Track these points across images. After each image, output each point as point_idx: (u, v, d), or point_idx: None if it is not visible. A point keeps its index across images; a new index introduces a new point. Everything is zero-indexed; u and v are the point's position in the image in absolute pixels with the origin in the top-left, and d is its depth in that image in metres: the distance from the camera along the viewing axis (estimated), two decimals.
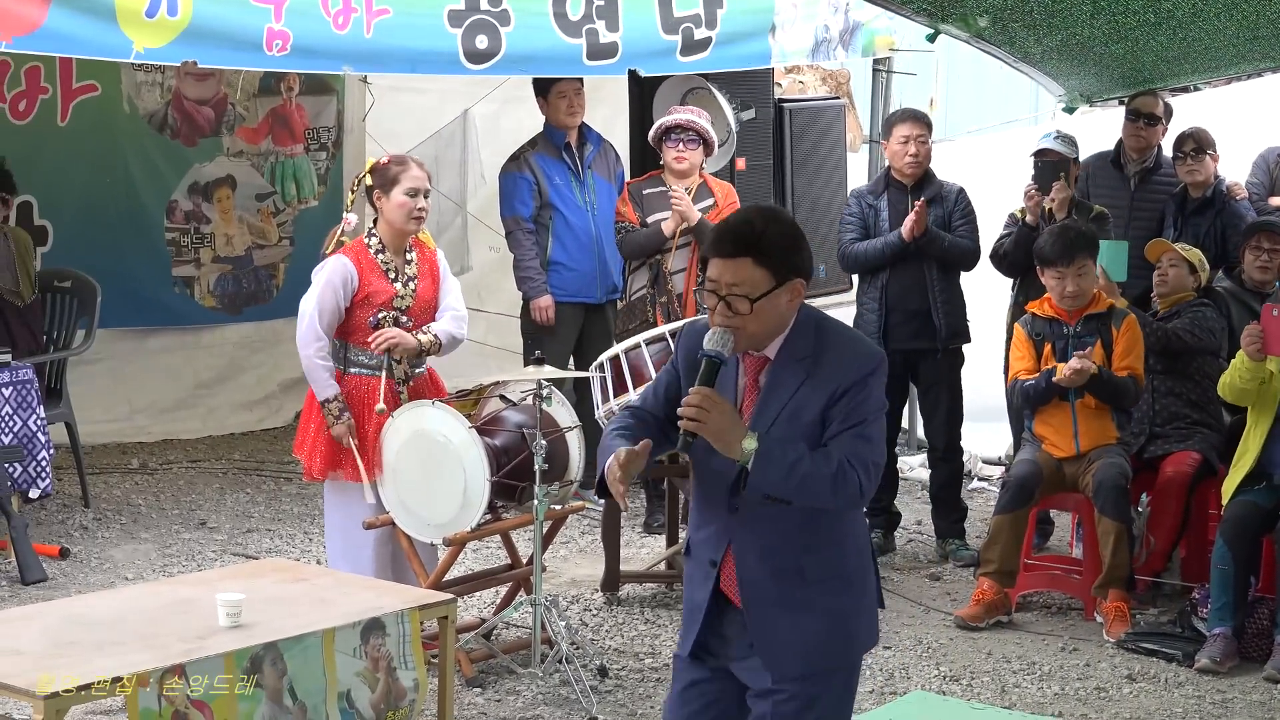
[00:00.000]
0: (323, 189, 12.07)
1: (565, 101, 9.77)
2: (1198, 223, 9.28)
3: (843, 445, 4.43)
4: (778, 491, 4.40)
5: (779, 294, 4.43)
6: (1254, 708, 7.16)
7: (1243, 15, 8.44)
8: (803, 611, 4.55)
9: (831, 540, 4.58)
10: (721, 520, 4.58)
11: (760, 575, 4.56)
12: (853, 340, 4.61)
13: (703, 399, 4.36)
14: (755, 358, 4.55)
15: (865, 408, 4.46)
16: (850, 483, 4.40)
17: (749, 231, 4.43)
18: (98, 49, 8.10)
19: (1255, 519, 7.66)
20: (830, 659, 4.61)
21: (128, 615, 5.70)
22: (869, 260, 9.22)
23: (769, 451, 4.36)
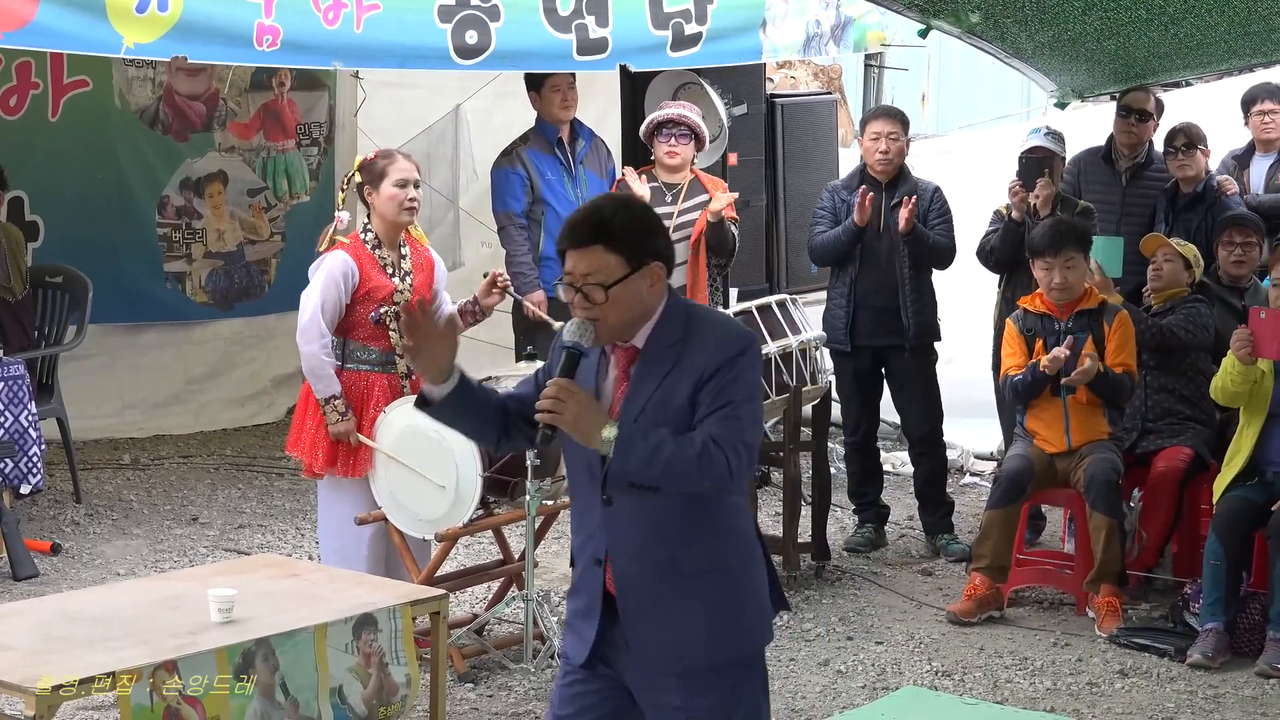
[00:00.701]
0: (314, 184, 12.06)
1: (559, 95, 9.76)
2: (1188, 218, 9.29)
3: (709, 426, 4.32)
4: (642, 478, 4.32)
5: (635, 280, 4.36)
6: (1246, 703, 7.16)
7: (1234, 11, 8.45)
8: (679, 606, 4.45)
9: (711, 531, 4.48)
10: (598, 516, 4.49)
11: (637, 570, 4.47)
12: (722, 323, 4.53)
13: (559, 390, 4.28)
14: (625, 349, 4.47)
15: (733, 389, 4.36)
16: (716, 463, 4.29)
17: (598, 219, 4.37)
18: (88, 44, 8.09)
19: (1247, 514, 7.67)
20: (713, 656, 4.48)
21: (119, 611, 5.70)
22: (829, 248, 9.21)
23: (629, 438, 4.27)
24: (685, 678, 4.46)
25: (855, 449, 9.49)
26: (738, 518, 4.55)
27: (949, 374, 9.58)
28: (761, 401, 4.54)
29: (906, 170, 9.25)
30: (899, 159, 9.18)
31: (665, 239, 4.47)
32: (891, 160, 9.15)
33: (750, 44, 10.28)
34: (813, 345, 8.68)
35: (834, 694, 7.19)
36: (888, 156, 9.14)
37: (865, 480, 9.48)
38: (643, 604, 4.46)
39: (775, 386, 8.48)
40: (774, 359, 8.46)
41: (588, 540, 4.55)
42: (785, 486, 8.68)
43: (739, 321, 4.69)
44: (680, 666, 4.46)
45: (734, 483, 4.38)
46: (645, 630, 4.47)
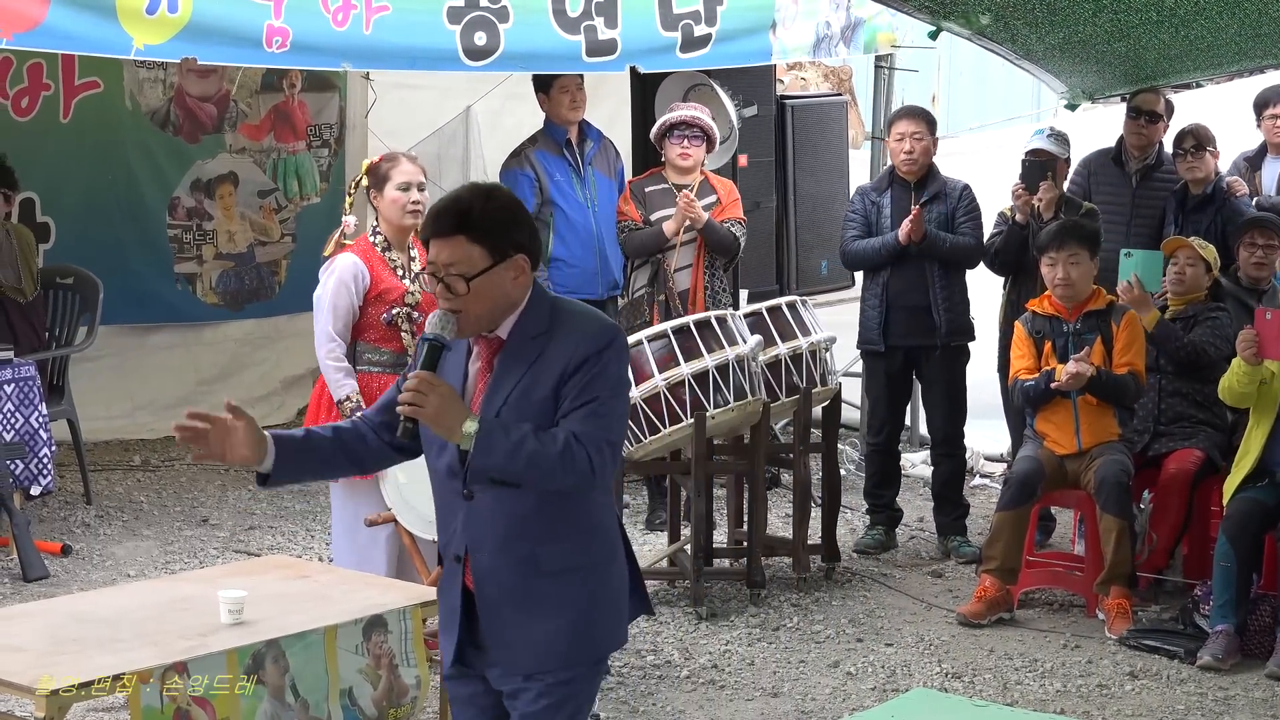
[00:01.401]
0: (325, 186, 12.07)
1: (568, 96, 9.77)
2: (1198, 220, 9.27)
3: (572, 422, 4.28)
4: (503, 474, 4.27)
5: (499, 272, 4.31)
6: (1256, 705, 7.16)
7: (1245, 13, 8.43)
8: (537, 606, 4.39)
9: (572, 529, 4.42)
10: (460, 512, 4.43)
11: (496, 566, 4.40)
12: (588, 316, 4.46)
13: (420, 383, 4.23)
14: (489, 339, 4.42)
15: (598, 384, 4.31)
16: (579, 461, 4.24)
17: (461, 209, 4.31)
18: (98, 46, 8.10)
19: (1257, 516, 7.66)
20: (569, 658, 4.43)
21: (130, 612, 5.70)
22: (867, 259, 9.25)
23: (490, 432, 4.22)
24: (535, 679, 4.42)
25: (877, 450, 9.48)
26: (601, 514, 4.49)
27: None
28: (627, 396, 4.49)
29: (935, 170, 9.26)
30: (924, 158, 9.19)
31: (530, 230, 4.41)
32: (916, 160, 9.16)
33: (760, 45, 10.28)
34: (822, 346, 8.68)
35: (844, 696, 7.19)
36: (912, 156, 9.15)
37: (883, 483, 9.47)
38: (500, 602, 4.41)
39: (785, 388, 8.49)
40: (784, 360, 8.47)
41: (451, 538, 4.48)
42: (795, 488, 8.68)
43: (604, 315, 4.58)
44: (532, 667, 4.42)
45: (596, 480, 4.32)
46: (501, 629, 4.42)
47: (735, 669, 7.49)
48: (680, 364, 7.93)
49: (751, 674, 7.43)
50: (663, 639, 7.84)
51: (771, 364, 8.44)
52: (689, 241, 9.13)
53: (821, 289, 10.90)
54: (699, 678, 7.36)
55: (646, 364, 7.93)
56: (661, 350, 7.97)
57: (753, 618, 8.15)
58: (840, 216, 10.66)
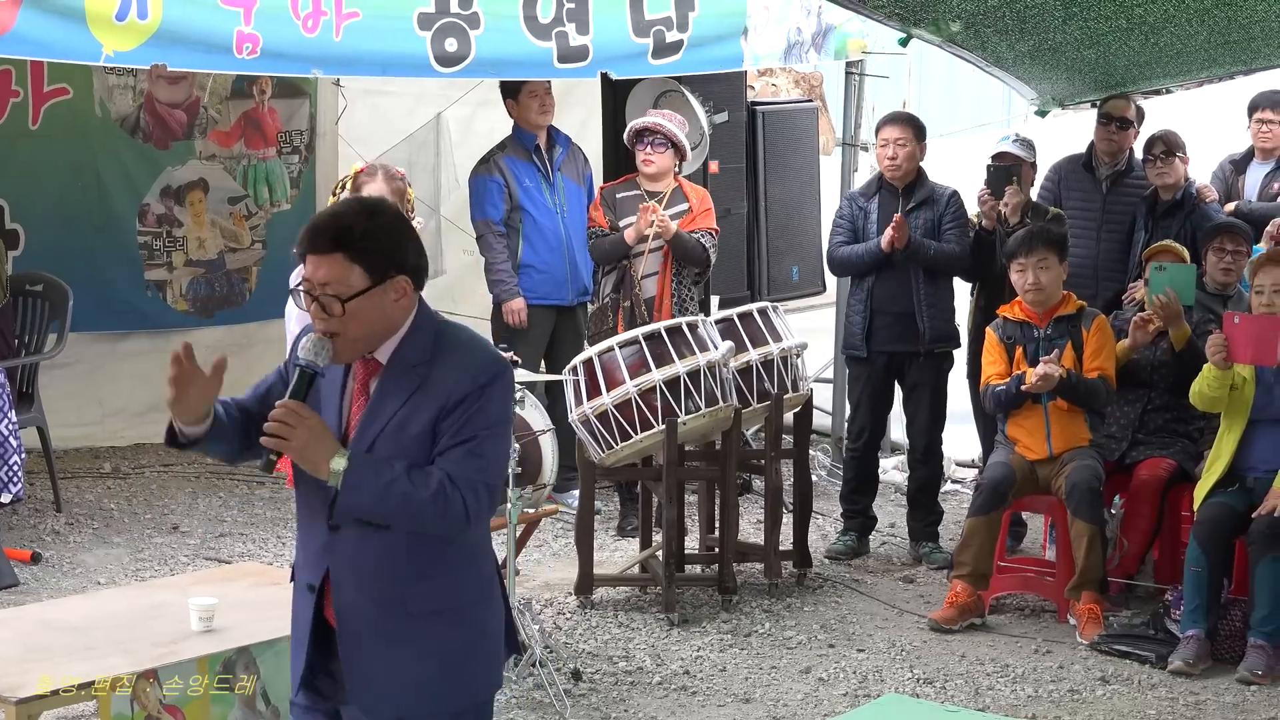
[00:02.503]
0: (295, 192, 12.03)
1: (536, 101, 9.78)
2: (1168, 225, 9.29)
3: (449, 462, 4.05)
4: (371, 515, 4.05)
5: (379, 293, 4.06)
6: (1227, 709, 7.17)
7: (1214, 21, 8.45)
8: (404, 648, 4.15)
9: (444, 569, 4.17)
10: (322, 538, 4.18)
11: (359, 603, 4.15)
12: (473, 347, 4.20)
13: (287, 413, 4.00)
14: (367, 362, 4.17)
15: (478, 422, 4.07)
16: (452, 505, 4.02)
17: (340, 225, 4.07)
18: (67, 52, 8.08)
19: (1228, 521, 7.68)
20: (436, 705, 4.20)
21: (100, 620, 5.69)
22: (852, 265, 9.27)
23: (360, 471, 3.99)
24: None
25: (855, 456, 9.48)
26: (476, 555, 4.27)
27: None
28: (509, 436, 4.27)
29: (923, 175, 9.26)
30: (909, 164, 9.19)
31: (415, 249, 4.17)
32: (901, 166, 9.17)
33: (732, 51, 10.27)
34: (794, 353, 8.69)
35: (815, 701, 7.19)
36: (896, 162, 9.16)
37: (859, 488, 9.47)
38: (363, 643, 4.17)
39: (757, 394, 8.49)
40: (755, 366, 8.47)
41: (308, 561, 4.25)
42: (767, 494, 8.68)
43: (492, 347, 4.34)
44: (399, 713, 4.20)
45: (471, 526, 4.11)
46: (364, 671, 4.17)
47: (707, 675, 7.48)
48: (652, 370, 7.92)
49: (723, 680, 7.43)
50: (634, 645, 7.84)
51: (743, 370, 8.44)
52: (656, 249, 9.13)
53: (793, 295, 10.89)
54: (671, 684, 7.36)
55: (618, 370, 7.93)
56: (633, 357, 7.97)
57: (724, 624, 8.15)
58: (811, 223, 10.70)
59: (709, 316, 8.63)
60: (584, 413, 7.98)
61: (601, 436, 7.99)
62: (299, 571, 4.29)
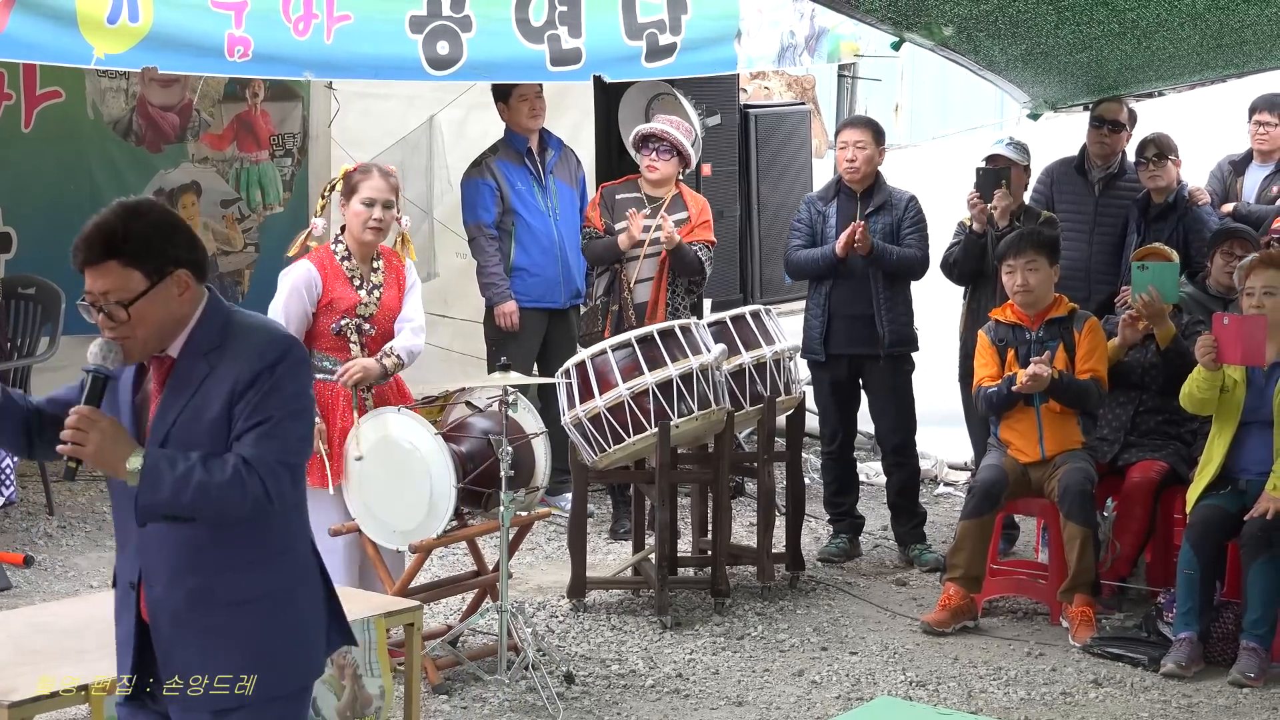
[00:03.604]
0: (288, 195, 12.03)
1: (527, 105, 9.78)
2: (1160, 228, 9.29)
3: (244, 446, 4.01)
4: (171, 509, 3.98)
5: (159, 291, 4.03)
6: (1219, 712, 7.18)
7: (1206, 25, 8.46)
8: (215, 639, 4.11)
9: (253, 557, 4.14)
10: (134, 537, 4.15)
11: (171, 597, 4.12)
12: (261, 328, 4.18)
13: (80, 419, 3.95)
14: (160, 358, 4.12)
15: (272, 403, 4.04)
16: (250, 488, 3.97)
17: (107, 233, 4.02)
18: (58, 55, 8.06)
19: (1221, 523, 7.68)
20: (257, 693, 4.14)
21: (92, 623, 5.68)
22: (807, 269, 9.27)
23: (155, 468, 3.94)
24: (221, 715, 4.15)
25: (831, 459, 9.50)
26: (290, 539, 4.24)
27: (918, 384, 9.58)
28: (308, 413, 4.19)
29: (881, 180, 9.26)
30: (867, 168, 9.19)
31: (189, 241, 4.13)
32: (859, 169, 9.16)
33: (725, 55, 10.28)
34: (786, 355, 8.69)
35: (808, 704, 7.19)
36: (854, 165, 9.15)
37: (841, 490, 9.49)
38: (175, 635, 4.13)
39: (749, 397, 8.50)
40: (748, 369, 8.48)
41: (126, 561, 4.23)
42: (759, 497, 8.68)
43: (281, 326, 4.38)
44: (215, 704, 4.13)
45: (273, 506, 4.05)
46: (179, 663, 4.14)
47: (700, 678, 7.48)
48: (644, 373, 7.92)
49: (716, 683, 7.43)
50: (627, 648, 7.84)
51: (735, 373, 8.44)
52: (652, 255, 9.12)
53: (785, 298, 10.90)
54: (663, 687, 7.36)
55: (611, 373, 7.93)
56: (626, 359, 7.97)
57: (717, 627, 8.15)
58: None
59: (701, 319, 8.63)
60: (577, 415, 7.98)
61: (594, 439, 7.99)
62: (120, 572, 4.25)
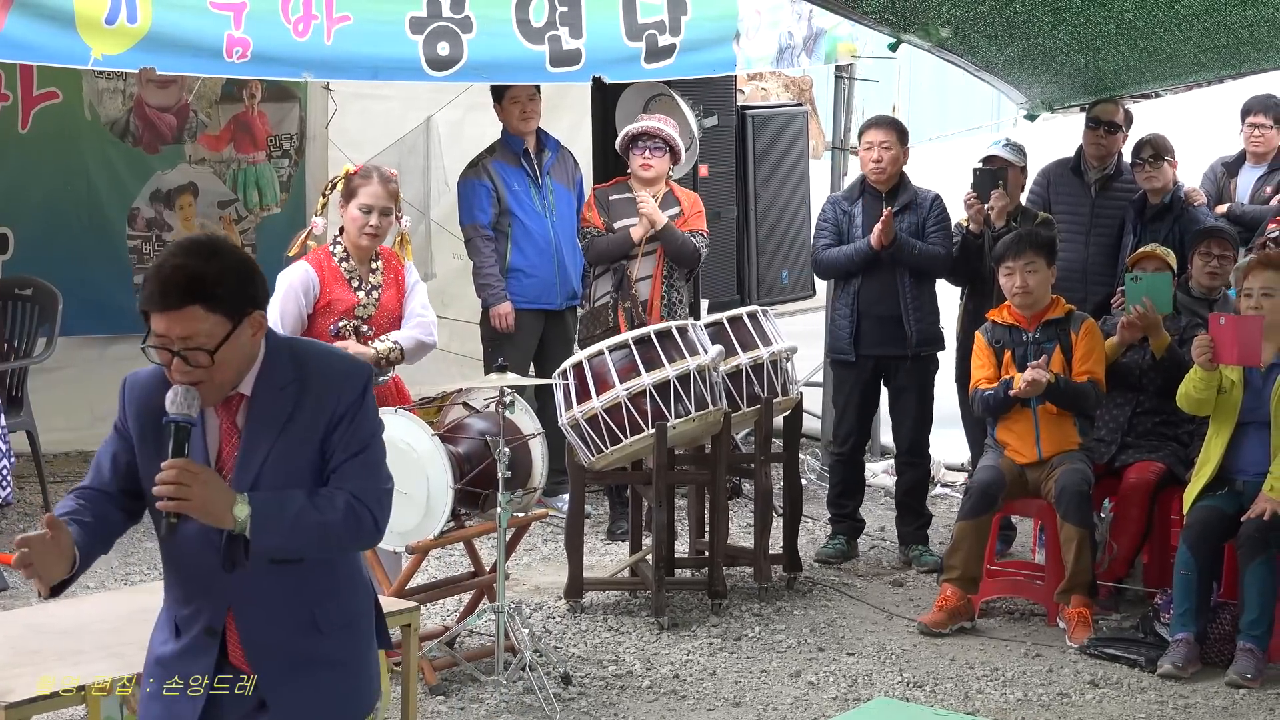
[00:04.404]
0: (285, 196, 12.04)
1: (519, 108, 9.78)
2: (1156, 229, 9.30)
3: (347, 478, 4.01)
4: (285, 553, 3.98)
5: (240, 334, 3.95)
6: (1216, 713, 7.18)
7: (1203, 26, 8.46)
8: (319, 667, 4.14)
9: (345, 584, 4.19)
10: (215, 584, 4.04)
11: (273, 633, 4.10)
12: (334, 356, 4.18)
13: (179, 473, 3.86)
14: (232, 396, 4.05)
15: (365, 429, 4.05)
16: (364, 523, 4.01)
17: (192, 276, 3.90)
18: (56, 56, 8.06)
19: (1218, 524, 7.69)
20: (345, 714, 4.21)
21: (90, 624, 5.68)
22: (840, 266, 9.26)
23: (264, 511, 3.90)
24: None
25: (841, 460, 9.49)
26: (359, 560, 4.30)
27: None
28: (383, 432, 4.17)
29: (906, 179, 9.28)
30: (893, 168, 9.20)
31: (260, 279, 4.06)
32: (885, 169, 9.18)
33: (724, 56, 10.28)
34: (783, 356, 8.69)
35: (805, 705, 7.20)
36: (880, 165, 9.17)
37: (846, 492, 9.48)
38: (283, 672, 4.12)
39: (746, 398, 8.50)
40: (745, 370, 8.48)
41: (199, 610, 4.11)
42: (757, 498, 8.68)
43: (348, 353, 4.39)
44: None
45: (380, 536, 4.10)
46: (287, 699, 4.13)
47: (697, 679, 7.48)
48: (641, 374, 7.92)
49: (713, 684, 7.43)
50: (624, 649, 7.84)
51: (732, 374, 8.45)
52: (650, 252, 9.13)
53: (782, 299, 10.90)
54: (660, 688, 7.36)
55: (608, 374, 7.93)
56: (623, 360, 7.96)
57: (714, 628, 8.15)
58: (801, 226, 10.68)
59: (699, 320, 8.63)
60: (574, 416, 7.98)
61: (591, 440, 7.99)
62: (190, 620, 4.14)
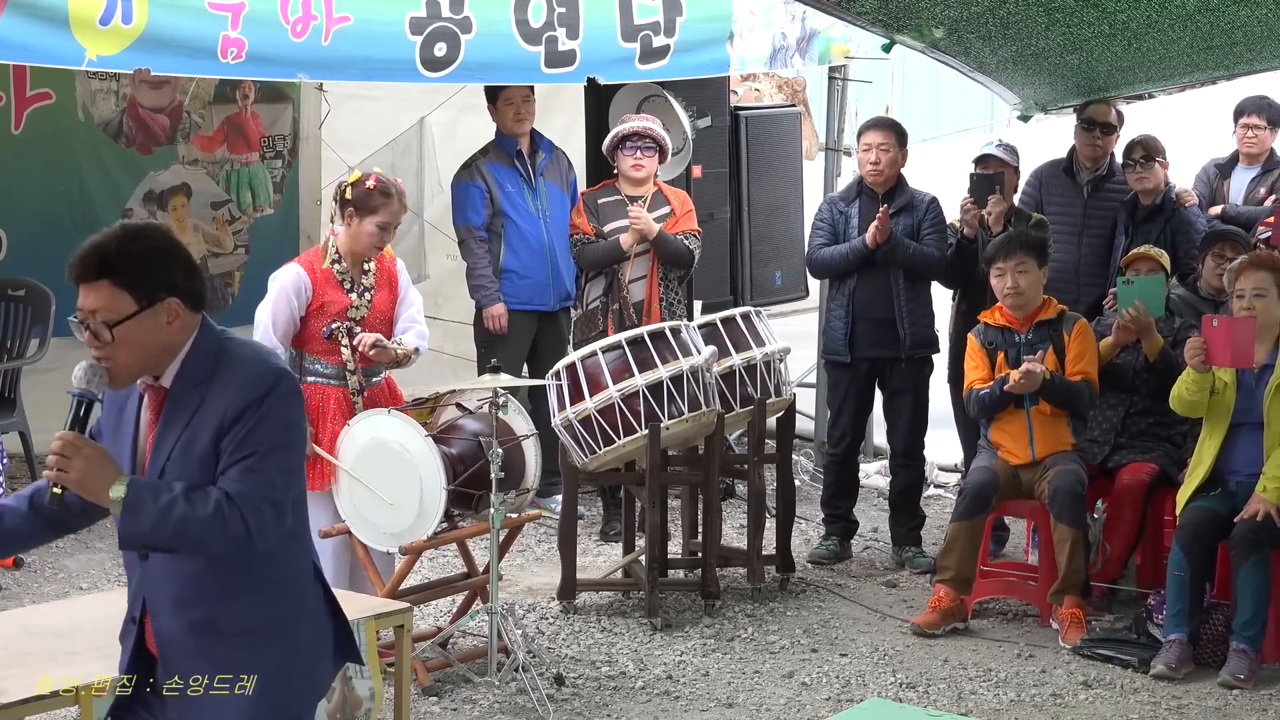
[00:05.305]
0: (278, 197, 12.02)
1: (512, 109, 9.77)
2: (1148, 230, 9.30)
3: (228, 480, 3.99)
4: (153, 541, 4.00)
5: (148, 317, 4.01)
6: (1209, 713, 7.19)
7: (1196, 26, 8.48)
8: (222, 670, 4.11)
9: (253, 586, 4.14)
10: (137, 570, 4.21)
11: (175, 629, 4.15)
12: (251, 360, 4.13)
13: (64, 445, 3.99)
14: (155, 389, 4.13)
15: (257, 437, 4.01)
16: (230, 525, 3.95)
17: (102, 252, 4.01)
18: (49, 56, 8.05)
19: (1211, 525, 7.69)
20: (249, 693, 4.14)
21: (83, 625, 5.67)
22: (834, 265, 9.25)
23: (138, 497, 3.95)
24: None
25: (836, 462, 9.49)
26: (291, 567, 4.24)
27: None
28: (297, 446, 4.17)
29: (903, 181, 9.28)
30: (891, 170, 9.20)
31: (185, 269, 4.10)
32: (883, 171, 9.18)
33: (718, 57, 10.29)
34: (776, 357, 8.69)
35: (798, 706, 7.20)
36: (878, 167, 9.17)
37: (840, 493, 9.48)
38: (181, 667, 4.15)
39: (739, 399, 8.50)
40: (738, 371, 8.48)
41: (131, 594, 4.29)
42: (750, 499, 8.69)
43: (272, 356, 4.31)
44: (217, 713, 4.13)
45: (255, 543, 4.01)
46: (182, 699, 4.15)
47: (690, 680, 7.49)
48: (634, 375, 7.92)
49: (706, 685, 7.43)
50: (618, 650, 7.84)
51: (726, 375, 8.44)
52: (643, 254, 9.13)
53: (776, 300, 10.90)
54: (654, 688, 7.36)
55: (601, 375, 7.93)
56: (616, 361, 7.96)
57: (707, 628, 8.15)
58: (795, 227, 10.68)
59: (692, 321, 8.63)
60: (567, 417, 7.98)
61: (584, 441, 7.99)
62: (130, 603, 4.31)
